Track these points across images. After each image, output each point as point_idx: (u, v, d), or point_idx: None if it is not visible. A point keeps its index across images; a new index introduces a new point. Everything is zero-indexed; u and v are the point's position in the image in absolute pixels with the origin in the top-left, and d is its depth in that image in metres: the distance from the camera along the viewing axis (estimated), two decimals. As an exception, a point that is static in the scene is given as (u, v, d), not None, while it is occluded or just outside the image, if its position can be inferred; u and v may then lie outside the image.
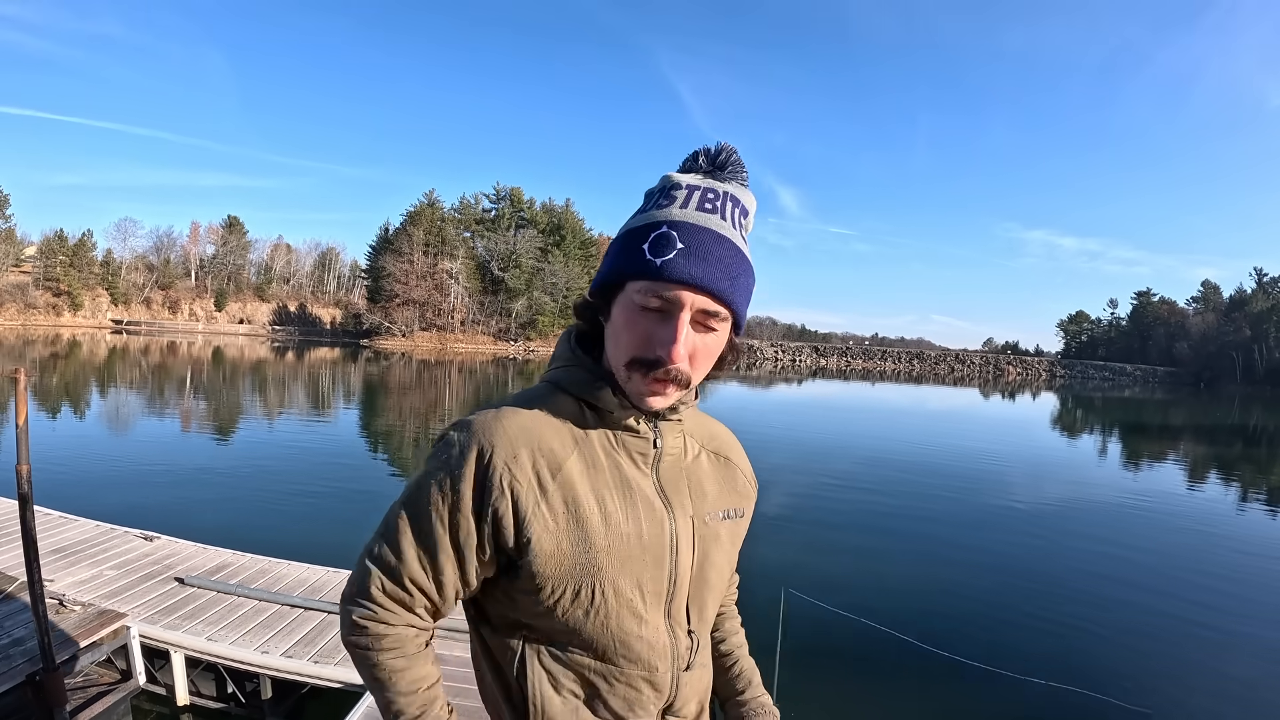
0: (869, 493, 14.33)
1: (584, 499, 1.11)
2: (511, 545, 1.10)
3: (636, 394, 1.12)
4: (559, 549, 1.09)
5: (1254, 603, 9.06)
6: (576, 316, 1.23)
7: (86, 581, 5.80)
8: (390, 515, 1.15)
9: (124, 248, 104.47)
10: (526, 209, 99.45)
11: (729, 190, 1.12)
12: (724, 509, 1.29)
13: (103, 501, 9.61)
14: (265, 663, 4.89)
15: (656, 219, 1.08)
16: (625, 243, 1.10)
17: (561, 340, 1.27)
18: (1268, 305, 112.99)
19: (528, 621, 1.16)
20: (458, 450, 1.11)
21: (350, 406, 27.66)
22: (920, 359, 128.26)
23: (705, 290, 1.05)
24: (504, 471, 1.08)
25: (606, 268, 1.13)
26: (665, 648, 1.20)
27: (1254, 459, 26.71)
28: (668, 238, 1.05)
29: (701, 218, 1.07)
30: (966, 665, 6.52)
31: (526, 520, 1.08)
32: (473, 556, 1.12)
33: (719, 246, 1.07)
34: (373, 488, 12.96)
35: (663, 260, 1.04)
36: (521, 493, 1.08)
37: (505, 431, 1.11)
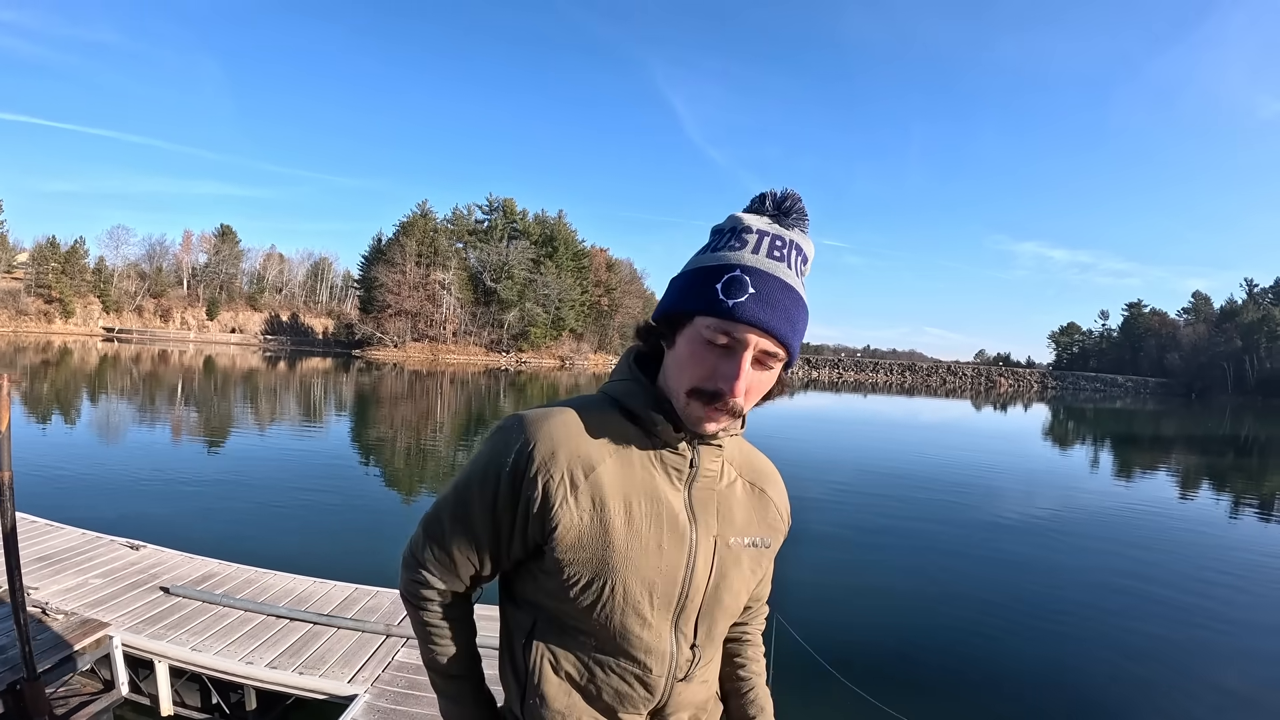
0: (860, 507, 14.32)
1: (610, 501, 1.20)
2: (538, 532, 1.20)
3: (694, 419, 1.20)
4: (579, 541, 1.19)
5: (1249, 614, 9.07)
6: (638, 338, 1.32)
7: (71, 590, 5.74)
8: (447, 493, 1.30)
9: (116, 255, 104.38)
10: (519, 220, 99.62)
11: (794, 239, 1.20)
12: (750, 537, 1.36)
13: (89, 509, 9.55)
14: (250, 673, 4.84)
15: (730, 261, 1.16)
16: (698, 279, 1.18)
17: (623, 357, 1.36)
18: (1258, 316, 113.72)
19: (543, 602, 1.27)
20: (504, 441, 1.22)
21: (341, 417, 27.54)
22: (912, 371, 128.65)
23: (770, 334, 1.14)
24: (540, 466, 1.18)
25: (676, 300, 1.21)
26: (664, 654, 1.27)
27: (1246, 469, 26.81)
28: (740, 282, 1.13)
29: (771, 265, 1.16)
30: (959, 687, 6.52)
31: (554, 511, 1.18)
32: (506, 536, 1.25)
33: (785, 295, 1.15)
34: (363, 499, 12.90)
35: (735, 302, 1.12)
36: (553, 487, 1.18)
37: (549, 430, 1.21)
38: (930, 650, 7.20)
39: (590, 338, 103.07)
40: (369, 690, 4.60)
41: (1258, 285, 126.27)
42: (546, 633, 1.27)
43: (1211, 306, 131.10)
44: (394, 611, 5.80)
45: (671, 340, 1.22)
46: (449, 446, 20.29)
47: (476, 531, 1.26)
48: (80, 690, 4.75)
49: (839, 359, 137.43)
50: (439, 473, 16.02)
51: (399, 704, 4.48)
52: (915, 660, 6.97)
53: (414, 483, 14.85)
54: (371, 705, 4.45)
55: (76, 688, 4.76)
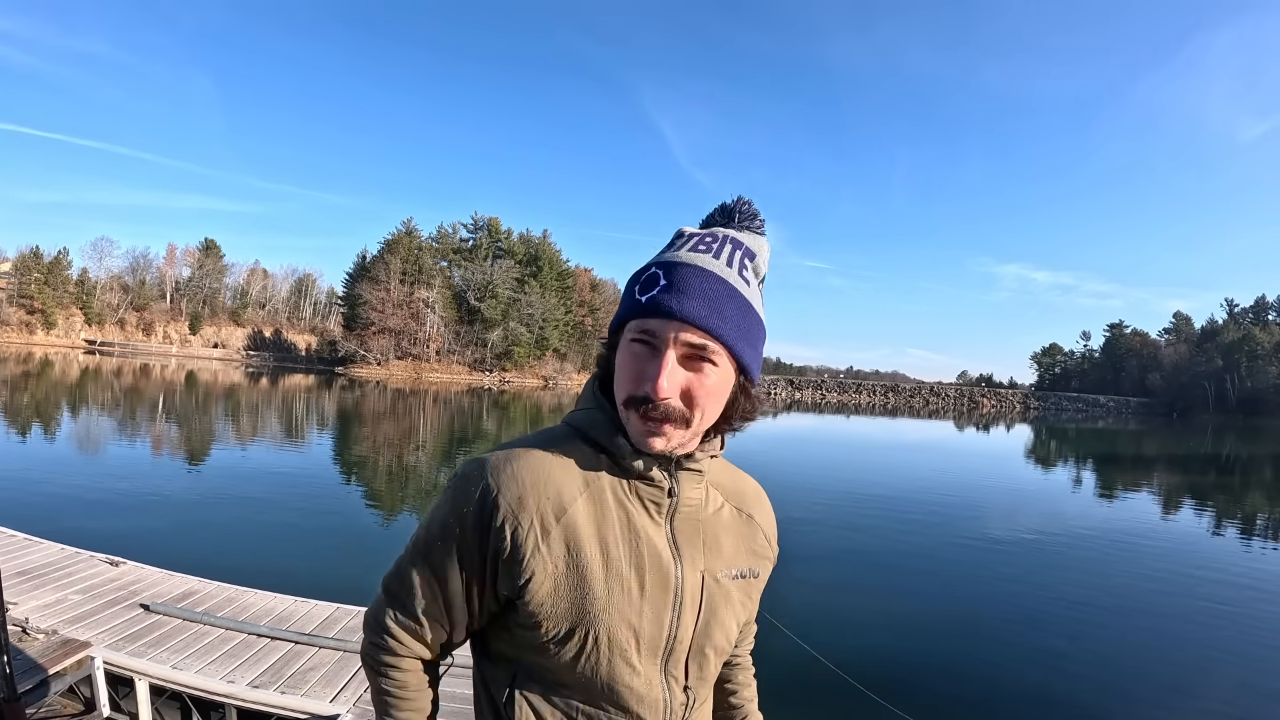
0: (842, 527, 14.34)
1: (586, 544, 1.10)
2: (509, 586, 1.10)
3: (637, 435, 1.10)
4: (555, 592, 1.09)
5: (1235, 629, 9.11)
6: (596, 364, 1.24)
7: (50, 606, 5.68)
8: (408, 549, 1.19)
9: (100, 267, 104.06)
10: (504, 239, 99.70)
11: (729, 234, 1.14)
12: (738, 568, 1.26)
13: (68, 524, 9.47)
14: (231, 692, 4.79)
15: (651, 263, 1.12)
16: (626, 288, 1.14)
17: (587, 385, 1.26)
18: (1239, 335, 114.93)
19: (522, 657, 1.16)
20: (466, 490, 1.12)
21: (324, 434, 27.39)
22: (895, 392, 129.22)
23: (685, 321, 1.03)
24: (507, 514, 1.08)
25: (616, 316, 1.15)
26: (657, 701, 1.17)
27: (1228, 487, 27.00)
28: (654, 277, 1.08)
29: (691, 256, 1.09)
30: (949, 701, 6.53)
31: (525, 562, 1.08)
32: (477, 594, 1.15)
33: (703, 280, 1.06)
34: (345, 518, 12.82)
35: (647, 297, 1.06)
36: (523, 535, 1.08)
37: (514, 473, 1.10)
38: (921, 665, 7.20)
39: (574, 358, 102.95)
40: (351, 710, 4.57)
41: (1238, 305, 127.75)
42: (529, 689, 1.16)
43: (1192, 327, 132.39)
44: (377, 630, 5.76)
45: (612, 349, 1.16)
46: (431, 465, 20.20)
47: (444, 591, 1.15)
48: (60, 711, 4.70)
49: (822, 380, 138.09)
50: (421, 492, 15.95)
51: (382, 723, 4.44)
52: (905, 676, 6.97)
53: (396, 502, 14.77)
54: (354, 725, 4.42)
55: (57, 709, 4.70)
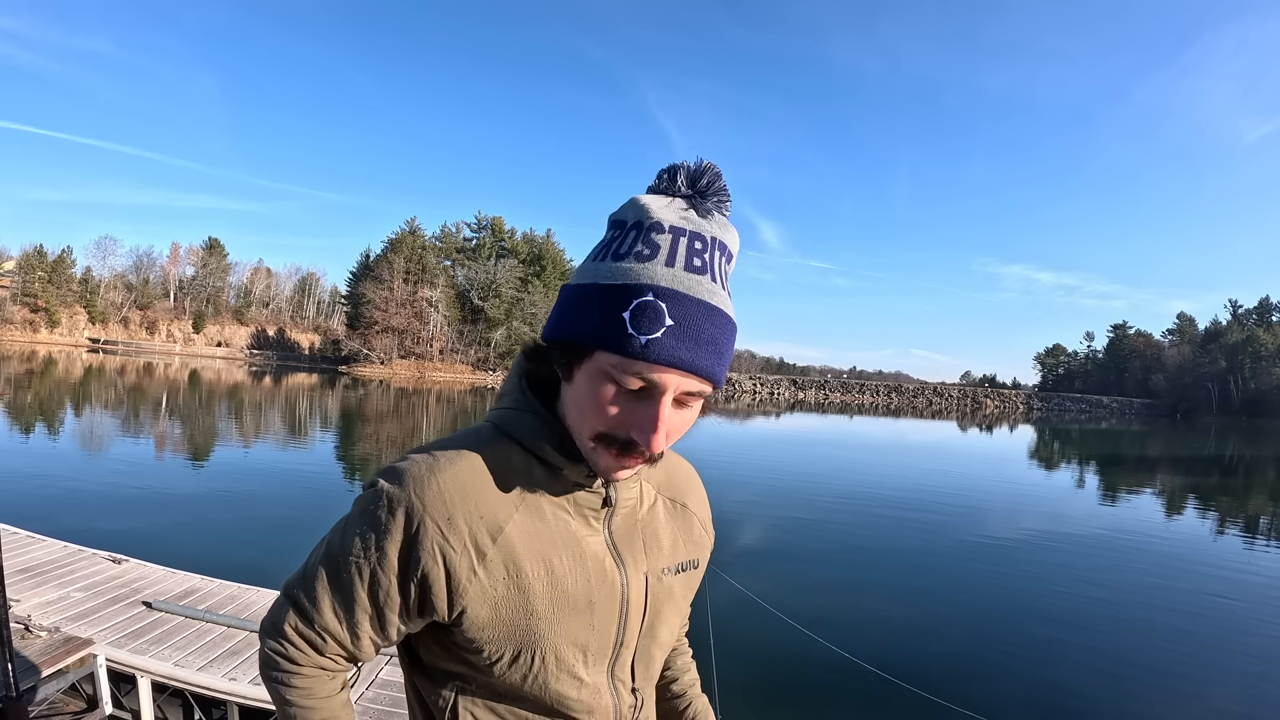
0: (844, 526, 14.33)
1: (526, 563, 1.01)
2: (444, 611, 1.00)
3: (602, 468, 0.99)
4: (497, 616, 1.01)
5: (1234, 632, 9.09)
6: (526, 358, 1.09)
7: (53, 603, 5.68)
8: (311, 558, 1.08)
9: (103, 266, 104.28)
10: (507, 239, 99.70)
11: (715, 235, 0.94)
12: (679, 562, 1.20)
13: (71, 522, 9.47)
14: (233, 689, 4.80)
15: (639, 281, 0.89)
16: (598, 301, 0.92)
17: (512, 374, 1.12)
18: (1242, 337, 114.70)
19: (463, 672, 1.09)
20: (386, 506, 0.99)
21: (327, 433, 27.44)
22: (898, 392, 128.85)
23: (695, 374, 0.91)
24: (436, 536, 0.97)
25: (571, 325, 0.95)
26: (607, 708, 1.13)
27: (1231, 489, 26.95)
28: (655, 311, 0.88)
29: (693, 282, 0.90)
30: (929, 699, 6.50)
31: (461, 588, 0.98)
32: (393, 616, 1.03)
33: (712, 323, 0.91)
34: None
35: (648, 339, 0.87)
36: (455, 559, 0.98)
37: (440, 489, 0.99)
38: (909, 669, 7.19)
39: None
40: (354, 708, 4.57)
41: (1242, 306, 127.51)
42: (472, 703, 1.09)
43: (1196, 328, 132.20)
44: (379, 628, 5.76)
45: (569, 372, 0.98)
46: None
47: (351, 609, 1.03)
48: (63, 709, 4.70)
49: (825, 380, 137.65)
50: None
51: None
52: (894, 679, 6.96)
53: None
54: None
55: (59, 706, 4.70)
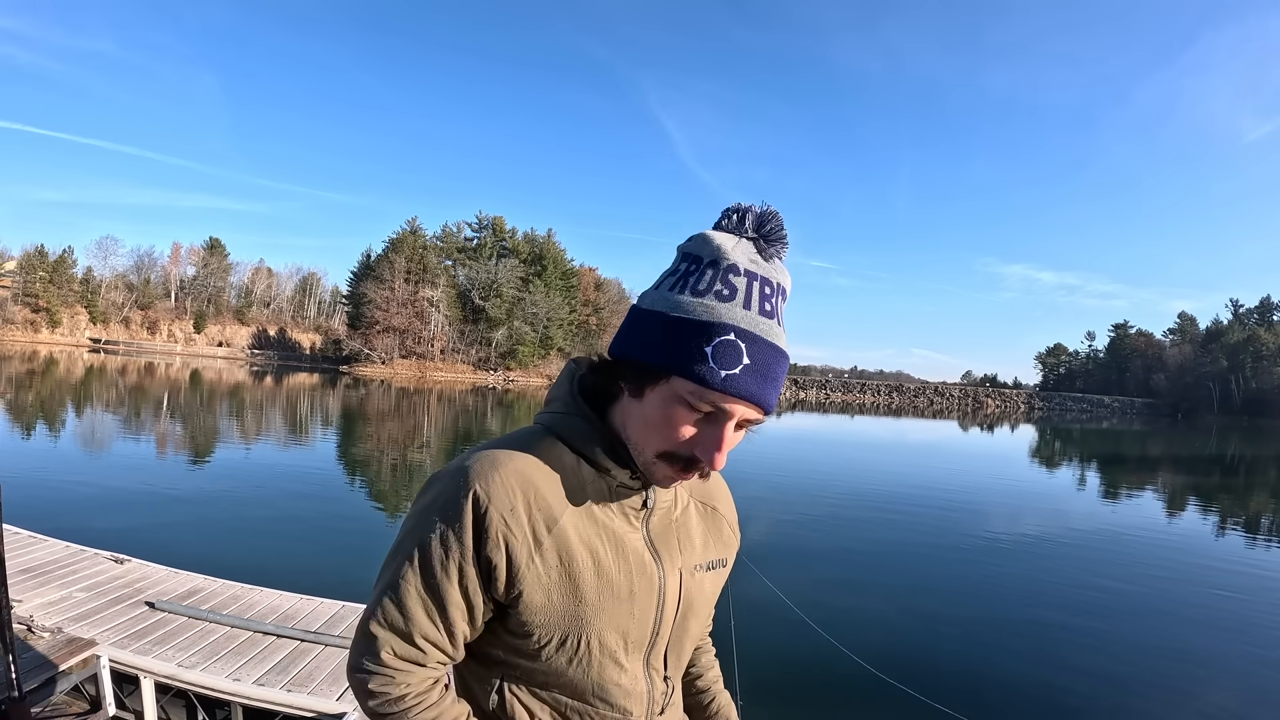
0: (846, 524, 14.32)
1: (577, 553, 1.10)
2: (502, 595, 1.09)
3: (657, 478, 1.11)
4: (549, 602, 1.09)
5: (1236, 629, 9.07)
6: (591, 371, 1.20)
7: (55, 603, 5.66)
8: (391, 574, 1.10)
9: (104, 266, 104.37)
10: (508, 238, 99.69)
11: (780, 281, 1.07)
12: (709, 560, 1.30)
13: (73, 521, 9.43)
14: (237, 690, 4.77)
15: (722, 320, 1.01)
16: (683, 334, 1.02)
17: (562, 381, 1.22)
18: (1244, 336, 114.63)
19: (509, 659, 1.17)
20: (455, 499, 1.07)
21: (328, 433, 27.42)
22: (899, 392, 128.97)
23: (759, 407, 1.03)
24: (500, 524, 1.05)
25: (654, 352, 1.04)
26: (642, 694, 1.22)
27: (1232, 488, 26.93)
28: (735, 349, 1.00)
29: (765, 327, 1.03)
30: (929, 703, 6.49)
31: (519, 573, 1.07)
32: (478, 604, 1.10)
33: (779, 364, 1.05)
34: (350, 515, 12.83)
35: (728, 374, 0.99)
36: (516, 546, 1.06)
37: (502, 481, 1.07)
38: (912, 668, 7.17)
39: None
40: (358, 709, 4.54)
41: (1243, 306, 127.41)
42: (517, 687, 1.17)
43: (1197, 327, 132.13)
44: (383, 628, 5.74)
45: (638, 391, 1.08)
46: (436, 464, 20.16)
47: (446, 610, 1.09)
48: (66, 710, 4.67)
49: (826, 380, 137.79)
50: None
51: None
52: (897, 678, 6.94)
53: (400, 500, 14.75)
54: (360, 723, 4.39)
55: (62, 708, 4.68)
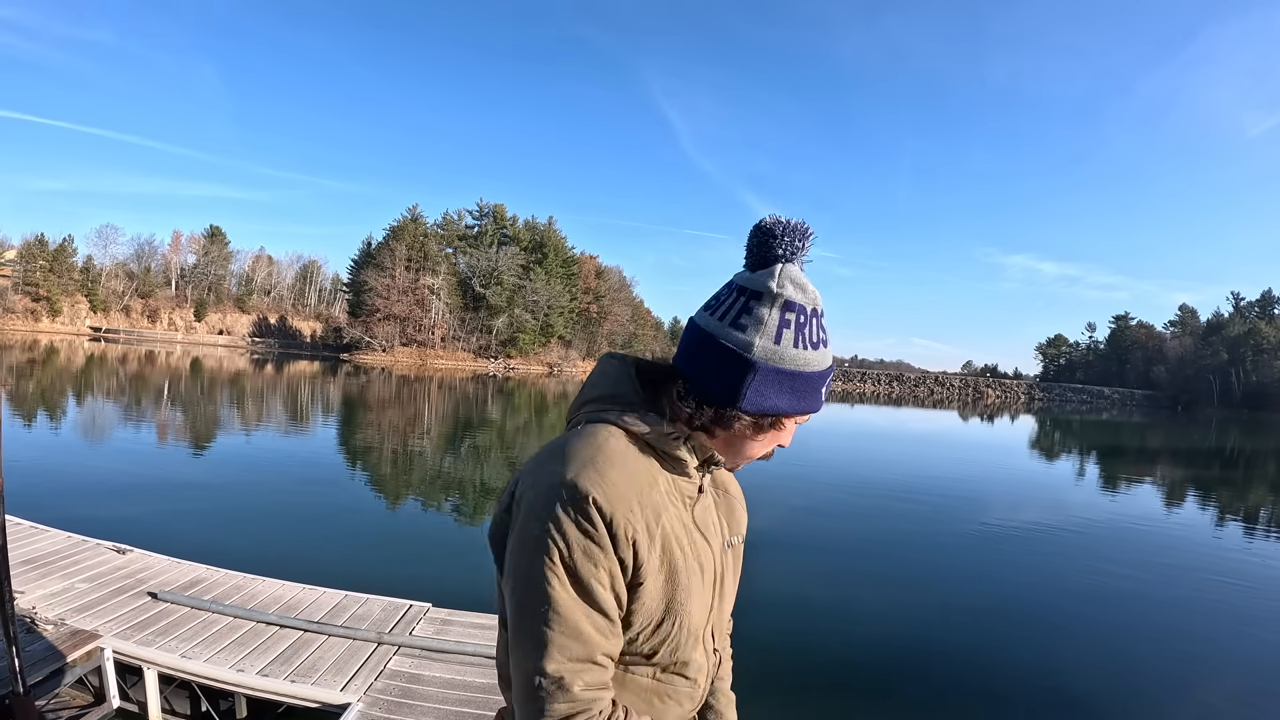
0: (843, 514, 14.32)
1: (673, 543, 1.20)
2: (626, 589, 1.15)
3: (730, 466, 1.33)
4: (658, 590, 1.17)
5: (1234, 624, 9.08)
6: (654, 370, 1.31)
7: (57, 594, 5.66)
8: (544, 607, 1.08)
9: (105, 254, 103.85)
10: (509, 226, 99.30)
11: (820, 309, 1.23)
12: (731, 538, 1.41)
13: (74, 512, 9.42)
14: (240, 681, 4.78)
15: (828, 367, 1.24)
16: (809, 386, 1.21)
17: (620, 379, 1.28)
18: (1244, 329, 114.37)
19: None
20: (581, 510, 1.09)
21: (329, 421, 27.41)
22: (900, 381, 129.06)
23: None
24: (625, 524, 1.11)
25: (779, 400, 1.20)
26: (704, 665, 1.32)
27: (1231, 481, 26.93)
28: (825, 383, 1.24)
29: (832, 361, 1.26)
30: (934, 691, 6.50)
31: (643, 568, 1.14)
32: (624, 603, 1.15)
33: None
34: (351, 504, 12.81)
35: (820, 403, 1.24)
36: (641, 542, 1.13)
37: (616, 484, 1.12)
38: (913, 658, 7.17)
39: (579, 345, 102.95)
40: (362, 699, 4.55)
41: (1244, 299, 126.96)
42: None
43: (1198, 320, 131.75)
44: (384, 619, 5.75)
45: (754, 426, 1.24)
46: (437, 452, 20.20)
47: (611, 618, 1.13)
48: (70, 703, 4.69)
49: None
50: (427, 478, 15.95)
51: (393, 713, 4.43)
52: (897, 671, 6.94)
53: (402, 488, 14.76)
54: (365, 714, 4.40)
55: (66, 700, 4.69)
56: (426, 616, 5.89)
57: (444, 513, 12.84)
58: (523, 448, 22.57)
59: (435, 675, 4.90)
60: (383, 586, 6.53)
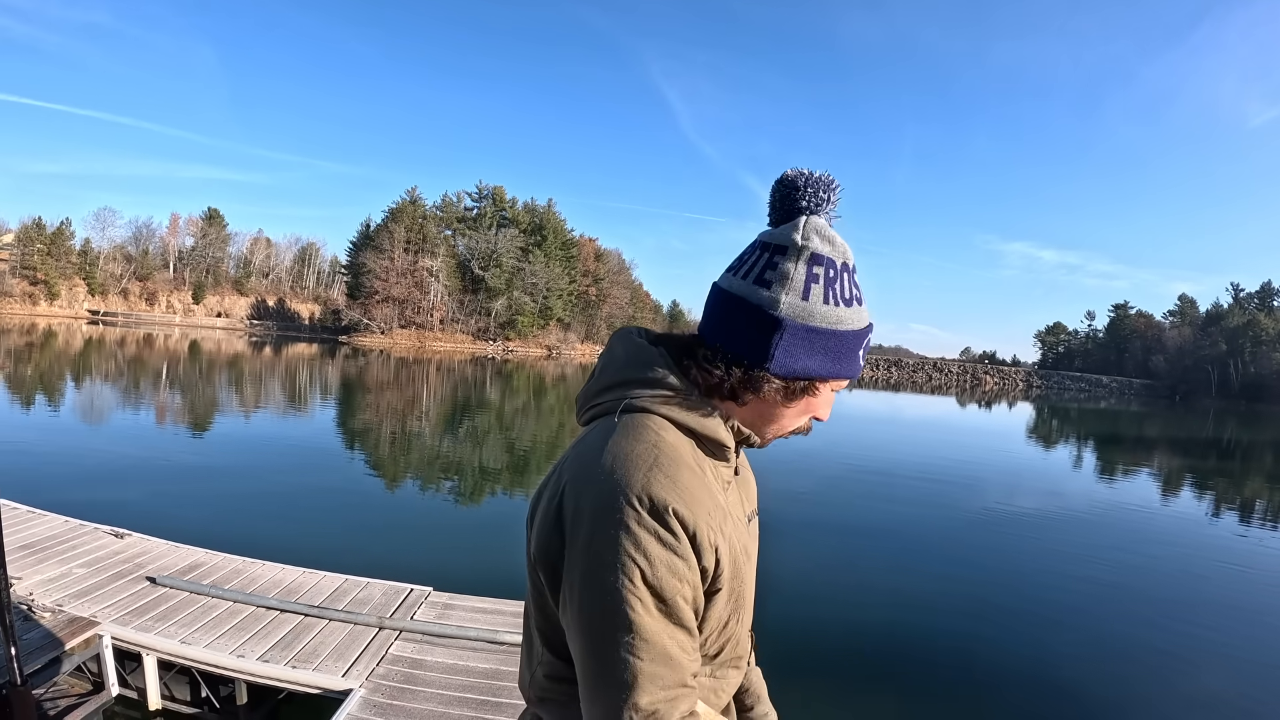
0: (840, 502, 14.30)
1: (731, 535, 1.12)
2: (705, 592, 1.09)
3: (763, 441, 1.22)
4: (728, 591, 1.11)
5: (1230, 613, 9.07)
6: (679, 345, 1.21)
7: (54, 580, 5.60)
8: (625, 632, 0.97)
9: (102, 238, 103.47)
10: (508, 208, 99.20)
11: (849, 259, 1.17)
12: (750, 511, 1.34)
13: (71, 496, 9.37)
14: (240, 666, 4.73)
15: (866, 321, 1.15)
16: (845, 346, 1.13)
17: (654, 361, 1.16)
18: (1244, 320, 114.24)
19: None
20: (660, 520, 0.98)
21: (328, 404, 27.37)
22: (898, 367, 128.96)
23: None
24: (709, 531, 1.04)
25: (809, 363, 1.11)
26: (747, 646, 1.30)
27: (1228, 472, 26.96)
28: (863, 345, 1.16)
29: (867, 316, 1.17)
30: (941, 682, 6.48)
31: (721, 569, 1.08)
32: (701, 610, 1.09)
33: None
34: (350, 487, 12.77)
35: (859, 366, 1.16)
36: (722, 548, 1.07)
37: (690, 489, 1.03)
38: (913, 647, 7.15)
39: (577, 327, 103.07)
40: (364, 685, 4.50)
41: (1243, 290, 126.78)
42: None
43: (1197, 310, 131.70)
44: (385, 604, 5.70)
45: (785, 393, 1.14)
46: (436, 434, 20.15)
47: (692, 635, 1.04)
48: (69, 691, 4.63)
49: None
50: (425, 461, 15.91)
51: (395, 699, 4.38)
52: (894, 655, 6.92)
53: (401, 471, 14.72)
54: (368, 700, 4.35)
55: (65, 689, 4.63)
56: (428, 601, 5.84)
57: (443, 496, 12.80)
58: (522, 430, 22.54)
59: (437, 661, 4.86)
60: (383, 570, 6.48)
